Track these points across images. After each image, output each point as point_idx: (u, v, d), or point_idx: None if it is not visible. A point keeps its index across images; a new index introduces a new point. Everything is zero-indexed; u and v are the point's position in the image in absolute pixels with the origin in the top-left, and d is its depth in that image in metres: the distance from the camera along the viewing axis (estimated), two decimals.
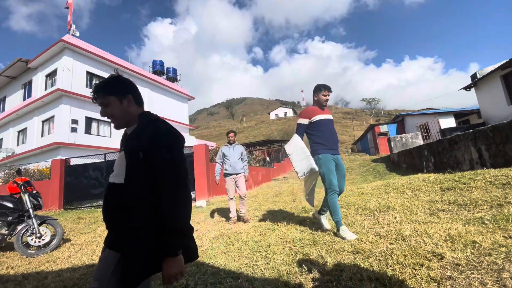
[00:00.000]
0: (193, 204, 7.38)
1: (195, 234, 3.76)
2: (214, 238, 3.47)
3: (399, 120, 21.61)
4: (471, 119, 17.64)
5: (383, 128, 21.81)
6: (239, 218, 4.49)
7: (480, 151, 5.67)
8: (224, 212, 5.40)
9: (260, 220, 4.27)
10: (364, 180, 9.06)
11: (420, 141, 12.02)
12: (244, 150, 4.79)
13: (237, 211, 4.68)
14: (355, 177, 10.58)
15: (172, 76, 27.66)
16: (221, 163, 4.68)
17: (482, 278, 1.59)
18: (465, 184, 3.93)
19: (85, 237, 4.52)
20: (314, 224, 3.52)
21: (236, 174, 4.52)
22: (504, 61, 10.69)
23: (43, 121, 16.03)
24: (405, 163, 9.97)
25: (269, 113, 77.02)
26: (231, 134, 4.73)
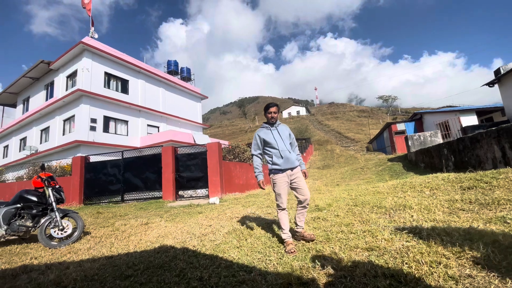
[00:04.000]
0: (206, 201, 7.49)
1: (208, 229, 3.83)
2: (228, 233, 3.52)
3: (417, 118, 20.89)
4: (494, 116, 16.80)
5: (400, 127, 21.16)
6: (294, 235, 2.96)
7: (504, 149, 5.39)
8: (237, 208, 5.45)
9: (273, 217, 4.28)
10: (380, 180, 8.85)
11: (439, 140, 11.58)
12: (290, 130, 3.16)
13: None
14: (371, 176, 10.35)
15: (186, 75, 28.10)
16: (261, 156, 3.05)
17: (502, 276, 1.53)
18: (487, 183, 3.76)
19: (104, 231, 4.70)
20: (327, 221, 3.49)
21: (292, 168, 2.90)
22: None
23: (64, 120, 16.76)
24: (423, 162, 9.65)
25: (281, 112, 76.70)
26: (273, 109, 2.98)
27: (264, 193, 7.65)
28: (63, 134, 16.55)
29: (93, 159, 10.29)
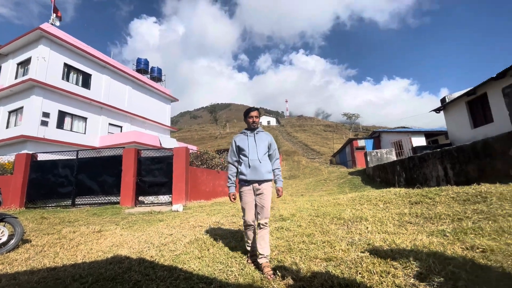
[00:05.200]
0: (168, 208, 7.17)
1: (168, 239, 3.66)
2: (189, 243, 3.39)
3: (376, 136, 22.67)
4: (440, 139, 18.92)
5: (361, 143, 22.73)
6: (257, 263, 2.52)
7: (446, 169, 6.09)
8: (201, 217, 5.29)
9: (238, 226, 4.25)
10: (341, 192, 9.34)
11: (393, 157, 12.64)
12: (274, 141, 2.87)
13: (256, 253, 2.59)
14: (333, 188, 10.87)
15: (157, 76, 27.11)
16: (236, 164, 2.78)
17: (441, 285, 1.70)
18: (431, 199, 4.18)
19: (48, 238, 4.22)
20: (290, 231, 3.56)
21: (260, 181, 2.63)
22: (469, 89, 11.68)
23: (10, 112, 14.93)
24: (379, 177, 10.42)
25: None
26: (255, 113, 2.77)
27: (230, 202, 7.57)
28: (7, 127, 14.69)
29: (41, 157, 9.27)
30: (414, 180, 7.32)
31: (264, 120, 74.31)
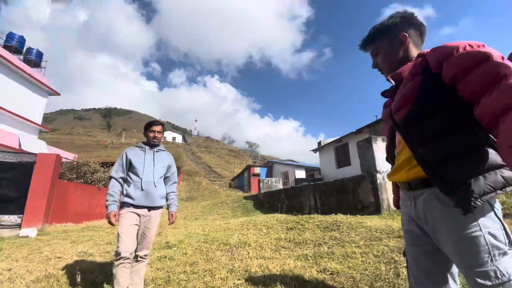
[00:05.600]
0: (15, 232, 5.42)
1: (4, 276, 2.74)
2: (35, 281, 2.64)
3: (269, 165, 25.45)
4: (315, 174, 23.13)
5: (257, 170, 24.85)
6: None
7: (316, 199, 7.45)
8: (61, 245, 4.24)
9: (111, 257, 3.65)
10: (234, 215, 9.71)
11: (280, 186, 14.36)
12: (174, 163, 2.70)
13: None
14: (227, 212, 11.16)
15: (35, 59, 21.42)
16: (122, 181, 2.36)
17: None
18: (302, 225, 4.94)
19: None
20: (173, 260, 3.37)
21: (150, 208, 2.34)
22: (336, 137, 15.15)
23: None
24: (268, 202, 11.54)
25: None
26: (158, 128, 2.51)
27: (109, 226, 6.47)
28: None
29: None
30: (293, 207, 8.51)
31: (169, 135, 69.97)
